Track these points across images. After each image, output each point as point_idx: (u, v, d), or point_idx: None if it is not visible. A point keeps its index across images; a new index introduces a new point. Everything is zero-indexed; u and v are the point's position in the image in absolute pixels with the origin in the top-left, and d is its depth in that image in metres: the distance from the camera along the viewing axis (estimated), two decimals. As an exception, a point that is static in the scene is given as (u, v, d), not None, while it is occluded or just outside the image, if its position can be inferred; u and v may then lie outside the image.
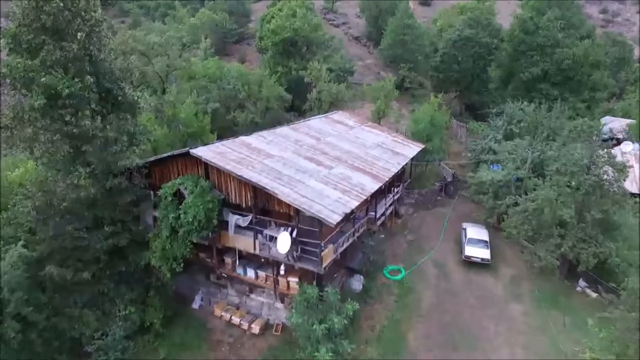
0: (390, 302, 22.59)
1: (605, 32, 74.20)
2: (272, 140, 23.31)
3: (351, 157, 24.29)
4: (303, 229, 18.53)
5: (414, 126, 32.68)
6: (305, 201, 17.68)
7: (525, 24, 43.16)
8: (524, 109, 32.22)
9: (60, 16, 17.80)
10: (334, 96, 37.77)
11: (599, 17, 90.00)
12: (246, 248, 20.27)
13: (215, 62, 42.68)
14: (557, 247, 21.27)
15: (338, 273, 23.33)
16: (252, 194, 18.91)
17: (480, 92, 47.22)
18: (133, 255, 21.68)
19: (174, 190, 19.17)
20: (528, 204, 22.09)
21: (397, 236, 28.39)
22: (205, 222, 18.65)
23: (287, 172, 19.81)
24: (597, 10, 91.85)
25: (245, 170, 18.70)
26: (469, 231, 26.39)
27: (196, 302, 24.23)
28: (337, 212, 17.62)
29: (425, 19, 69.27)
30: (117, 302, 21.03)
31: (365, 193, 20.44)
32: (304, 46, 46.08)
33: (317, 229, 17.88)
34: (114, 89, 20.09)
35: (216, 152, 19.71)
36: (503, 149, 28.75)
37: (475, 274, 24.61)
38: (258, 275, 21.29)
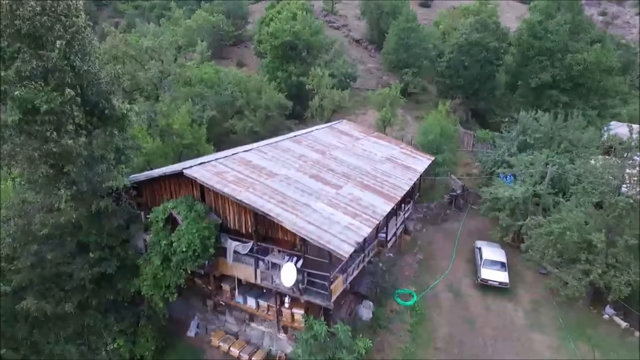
0: (404, 332, 20.77)
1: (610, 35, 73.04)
2: (274, 156, 21.46)
3: (360, 174, 22.48)
4: (310, 259, 16.70)
5: (422, 137, 30.87)
6: (313, 230, 15.84)
7: (534, 28, 41.63)
8: (538, 119, 30.51)
9: (37, 21, 15.87)
10: (337, 103, 35.98)
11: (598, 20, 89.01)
12: (246, 277, 18.42)
13: (211, 66, 40.89)
14: (584, 274, 19.53)
15: (346, 299, 21.51)
16: (253, 220, 17.06)
17: (487, 99, 45.63)
18: (122, 283, 19.79)
19: (166, 215, 17.28)
20: (553, 226, 20.32)
21: (406, 255, 26.60)
22: (201, 251, 16.79)
23: (291, 195, 17.96)
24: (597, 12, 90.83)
25: (246, 194, 16.85)
26: (485, 251, 24.64)
27: (192, 330, 22.35)
28: (349, 242, 15.80)
29: (426, 20, 67.73)
30: (104, 334, 19.12)
31: (377, 216, 18.63)
32: (305, 50, 44.31)
33: (326, 260, 16.05)
34: (100, 102, 18.19)
35: (213, 172, 17.84)
36: (519, 162, 27.01)
37: (493, 299, 22.85)
38: (259, 305, 19.42)
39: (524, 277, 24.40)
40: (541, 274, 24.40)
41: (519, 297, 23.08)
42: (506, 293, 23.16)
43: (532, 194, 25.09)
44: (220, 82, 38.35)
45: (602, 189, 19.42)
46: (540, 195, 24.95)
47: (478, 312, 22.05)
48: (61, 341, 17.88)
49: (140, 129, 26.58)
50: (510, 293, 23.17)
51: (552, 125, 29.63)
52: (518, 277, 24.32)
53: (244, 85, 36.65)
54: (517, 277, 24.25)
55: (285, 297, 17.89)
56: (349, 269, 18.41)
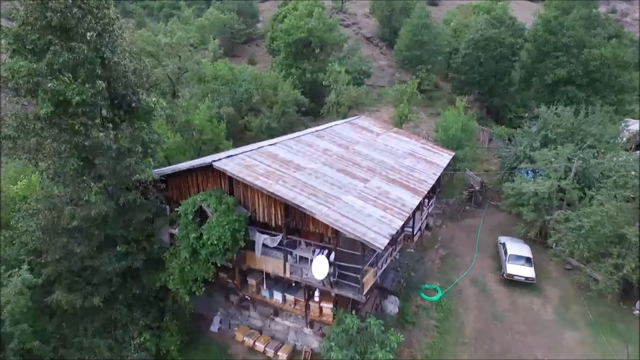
0: (430, 327, 20.54)
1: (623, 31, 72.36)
2: (299, 150, 21.29)
3: (384, 168, 22.28)
4: (339, 252, 16.50)
5: (442, 133, 30.60)
6: (347, 222, 15.64)
7: (550, 23, 41.28)
8: (559, 114, 30.17)
9: (68, 13, 15.80)
10: (354, 99, 35.78)
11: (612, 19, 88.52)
12: (275, 270, 18.25)
13: (226, 63, 40.83)
14: (616, 269, 19.22)
15: (371, 294, 21.28)
16: (283, 212, 16.89)
17: (502, 95, 45.30)
18: (147, 277, 19.71)
19: (195, 208, 17.14)
20: (583, 220, 20.02)
21: (428, 251, 26.35)
22: (232, 244, 16.63)
23: (322, 187, 17.77)
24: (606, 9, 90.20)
25: (277, 186, 16.68)
26: (509, 247, 24.34)
27: (215, 325, 22.22)
28: (383, 234, 15.58)
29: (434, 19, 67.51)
30: (131, 328, 19.01)
31: (407, 210, 18.40)
32: (318, 47, 44.16)
33: (359, 253, 15.85)
34: (128, 95, 18.11)
35: (243, 165, 17.69)
36: (542, 157, 26.69)
37: (520, 295, 22.55)
38: (286, 299, 19.26)
39: (549, 273, 24.09)
40: (567, 270, 24.09)
41: (545, 292, 22.77)
42: (532, 289, 22.86)
43: (557, 188, 24.80)
44: (235, 79, 38.29)
45: (634, 182, 19.08)
46: (565, 190, 24.64)
47: (505, 307, 21.76)
48: (89, 335, 17.79)
49: (160, 125, 26.54)
50: (536, 289, 22.86)
51: (573, 120, 29.29)
52: (543, 272, 24.00)
53: (260, 82, 36.51)
54: (542, 272, 23.93)
55: (315, 290, 17.71)
56: (379, 262, 18.20)
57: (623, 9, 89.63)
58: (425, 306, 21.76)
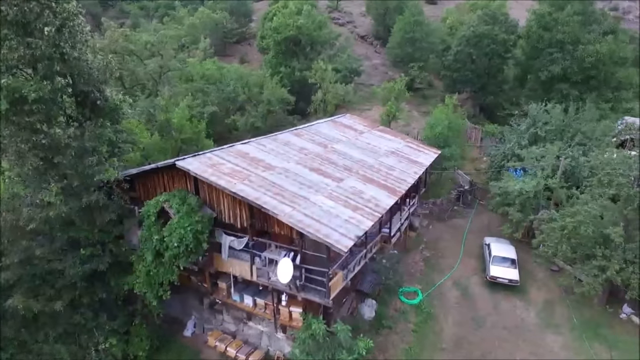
0: (407, 332, 19.83)
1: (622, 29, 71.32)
2: (273, 148, 20.66)
3: (363, 167, 21.59)
4: (308, 254, 15.84)
5: (429, 131, 29.86)
6: (311, 223, 14.99)
7: (544, 19, 40.39)
8: (549, 111, 29.34)
9: (25, 8, 15.25)
10: (340, 98, 35.11)
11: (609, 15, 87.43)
12: (242, 274, 17.61)
13: (213, 62, 40.27)
14: (600, 270, 18.42)
15: (347, 297, 20.62)
16: (248, 213, 16.25)
17: (495, 93, 44.42)
18: (115, 280, 19.12)
19: (158, 209, 16.54)
20: (567, 220, 19.24)
21: (411, 252, 25.64)
22: (194, 246, 16.01)
23: (290, 187, 17.12)
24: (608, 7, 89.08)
25: (241, 186, 16.05)
26: (494, 248, 23.59)
27: (188, 329, 21.65)
28: (349, 236, 14.92)
29: (432, 17, 66.73)
30: (96, 333, 18.42)
31: (380, 210, 17.71)
32: (308, 45, 43.50)
33: (324, 255, 15.18)
34: (91, 93, 17.54)
35: (207, 164, 17.08)
36: (530, 155, 25.88)
37: (503, 298, 21.80)
38: (256, 304, 18.61)
39: (535, 275, 23.29)
40: (553, 272, 23.29)
41: (530, 295, 22.00)
42: (516, 291, 22.09)
43: (543, 187, 24.01)
44: (223, 77, 37.74)
45: (619, 180, 18.29)
46: (553, 189, 23.84)
47: (487, 311, 21.02)
48: (50, 340, 17.20)
49: (138, 124, 26.02)
50: (520, 291, 22.10)
51: (563, 117, 28.47)
52: (529, 274, 23.22)
53: (246, 81, 35.91)
54: (528, 274, 23.16)
55: (282, 294, 17.05)
56: (349, 265, 17.51)
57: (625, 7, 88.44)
58: (404, 310, 21.06)
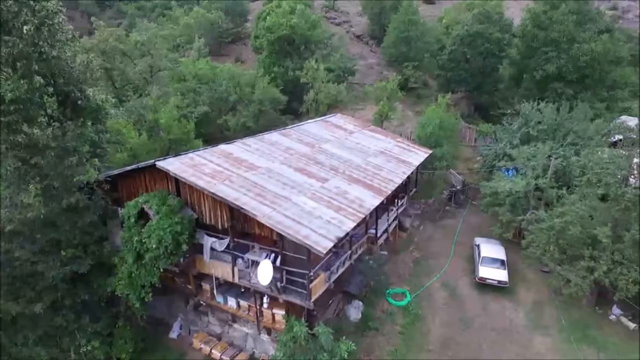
0: (394, 334, 19.59)
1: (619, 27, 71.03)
2: (258, 148, 20.45)
3: (349, 167, 21.36)
4: (288, 256, 15.62)
5: (420, 130, 29.62)
6: (290, 224, 14.77)
7: (539, 18, 40.10)
8: (541, 110, 29.08)
9: (2, 6, 15.06)
10: (333, 97, 34.87)
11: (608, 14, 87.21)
12: (224, 275, 17.40)
13: (206, 62, 40.06)
14: (588, 271, 18.17)
15: (334, 299, 20.39)
16: (229, 214, 16.03)
17: (490, 92, 44.13)
18: (98, 282, 18.92)
19: (137, 210, 16.33)
20: (555, 220, 18.99)
21: (401, 253, 25.40)
22: (173, 248, 15.80)
23: (272, 188, 16.91)
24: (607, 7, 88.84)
25: (221, 186, 15.84)
26: (483, 248, 23.34)
27: (174, 331, 21.45)
28: (329, 237, 14.69)
29: (430, 17, 66.51)
30: (77, 335, 18.21)
31: (364, 210, 17.49)
32: (302, 45, 43.28)
33: (304, 257, 14.95)
34: (72, 92, 17.33)
35: (188, 165, 16.87)
36: (521, 154, 25.62)
37: (492, 299, 21.54)
38: (240, 305, 18.40)
39: (525, 276, 23.03)
40: (543, 272, 23.00)
41: (519, 296, 21.74)
42: (506, 292, 21.83)
43: (534, 187, 23.75)
44: (216, 77, 37.53)
45: (607, 180, 18.03)
46: (543, 189, 23.57)
47: (475, 312, 20.76)
48: (30, 343, 17.00)
49: (126, 124, 25.83)
50: (510, 292, 21.84)
51: (556, 116, 28.21)
52: (519, 275, 22.96)
53: (238, 80, 35.69)
54: (518, 275, 22.90)
55: (264, 296, 16.84)
56: (332, 266, 17.28)
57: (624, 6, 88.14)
58: (391, 311, 20.82)
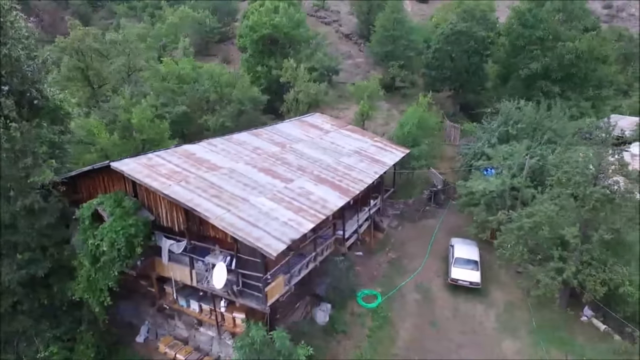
0: (362, 337, 19.23)
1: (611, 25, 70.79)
2: (224, 148, 20.08)
3: (319, 167, 21.01)
4: (246, 259, 15.24)
5: (399, 129, 29.27)
6: (243, 226, 14.40)
7: (524, 16, 39.80)
8: (521, 108, 28.75)
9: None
10: (313, 97, 34.48)
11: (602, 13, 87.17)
12: (182, 278, 17.04)
13: (190, 61, 39.67)
14: (558, 272, 17.82)
15: (302, 301, 20.04)
16: (184, 216, 15.66)
17: (477, 91, 43.81)
18: (59, 285, 18.53)
19: (90, 212, 15.95)
20: (524, 220, 18.65)
21: (377, 254, 25.05)
22: (127, 251, 15.41)
23: (231, 189, 16.54)
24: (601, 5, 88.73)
25: (176, 187, 15.47)
26: (457, 249, 22.99)
27: (141, 335, 21.06)
28: (283, 240, 14.32)
29: (423, 16, 66.19)
30: (36, 341, 17.82)
31: (326, 211, 17.13)
32: (286, 44, 42.89)
33: (259, 260, 14.57)
34: (27, 92, 16.95)
35: (145, 165, 16.50)
36: (497, 153, 25.30)
37: (464, 301, 21.19)
38: (202, 309, 18.03)
39: (499, 277, 22.68)
40: (519, 273, 22.64)
41: (492, 298, 21.39)
42: (478, 294, 21.49)
43: (509, 187, 23.40)
44: (199, 77, 37.15)
45: (576, 179, 17.68)
46: (519, 188, 23.22)
47: (446, 314, 20.41)
48: (-16, 349, 16.64)
49: (97, 124, 25.44)
50: (483, 294, 21.49)
51: (535, 115, 27.87)
52: (494, 276, 22.62)
53: (217, 80, 35.28)
54: (492, 276, 22.56)
55: (222, 300, 16.47)
56: (295, 267, 16.91)
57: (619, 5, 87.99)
58: (361, 314, 20.46)
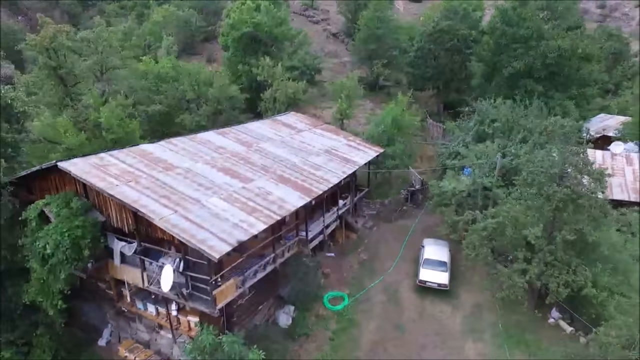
0: (324, 340, 18.84)
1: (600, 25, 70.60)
2: (184, 148, 19.68)
3: (283, 167, 20.61)
4: (192, 261, 14.84)
5: (373, 128, 28.90)
6: (188, 228, 14.01)
7: (507, 14, 39.48)
8: (498, 107, 28.41)
9: None
10: (291, 96, 34.07)
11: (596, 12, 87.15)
12: (135, 281, 16.62)
13: (170, 60, 39.22)
14: (521, 274, 17.46)
15: (265, 304, 19.65)
16: (132, 217, 15.24)
17: (460, 90, 43.46)
18: (13, 288, 18.10)
19: (37, 213, 15.53)
20: (488, 221, 18.29)
21: (349, 255, 24.66)
22: (74, 253, 14.99)
23: (183, 189, 16.14)
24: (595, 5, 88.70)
25: (124, 188, 15.06)
26: (427, 250, 22.64)
27: (104, 338, 20.65)
28: (229, 241, 13.92)
29: (415, 15, 65.92)
30: (-13, 346, 17.41)
31: (283, 212, 16.73)
32: (269, 43, 42.47)
33: (205, 262, 14.16)
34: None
35: (95, 165, 16.08)
36: (471, 152, 24.95)
37: (431, 303, 20.83)
38: (159, 312, 17.60)
39: (470, 278, 22.32)
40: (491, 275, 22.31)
41: (461, 300, 21.02)
42: (447, 295, 21.12)
43: (481, 186, 23.06)
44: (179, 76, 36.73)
45: (539, 179, 17.32)
46: (490, 188, 22.88)
47: (412, 317, 20.04)
48: None
49: (64, 123, 24.99)
50: (451, 296, 21.12)
51: (508, 114, 27.53)
52: (463, 278, 22.26)
53: (194, 78, 34.85)
54: (462, 278, 22.21)
55: (172, 303, 16.07)
56: (251, 269, 16.52)
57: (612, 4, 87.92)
58: (326, 316, 20.08)
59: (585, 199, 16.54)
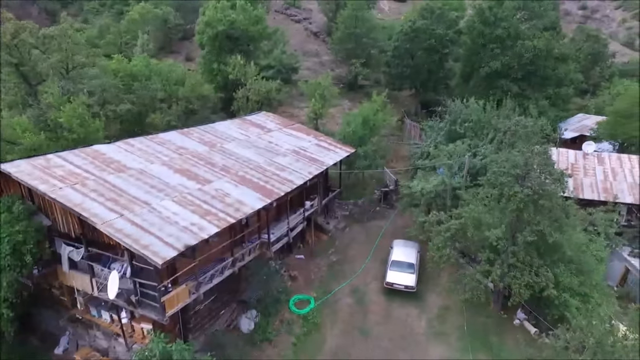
0: (287, 345, 18.39)
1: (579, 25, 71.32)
2: (141, 148, 19.03)
3: (246, 168, 20.08)
4: (140, 267, 14.25)
5: (344, 128, 28.52)
6: (132, 232, 13.42)
7: (484, 14, 39.48)
8: (470, 107, 28.26)
9: None
10: (264, 95, 33.53)
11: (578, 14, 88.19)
12: (84, 287, 15.97)
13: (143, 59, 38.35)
14: (484, 275, 17.23)
15: (227, 309, 19.11)
16: (78, 222, 14.59)
17: (438, 89, 43.41)
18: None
19: (-24, 217, 14.78)
20: (451, 222, 18.02)
21: (318, 257, 24.24)
22: (14, 259, 14.28)
23: (133, 191, 15.53)
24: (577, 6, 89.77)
25: (68, 191, 14.41)
26: (395, 252, 22.33)
27: (60, 346, 19.85)
28: (175, 246, 13.38)
29: (400, 15, 65.79)
30: None
31: (239, 214, 16.21)
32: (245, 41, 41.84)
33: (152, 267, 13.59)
34: None
35: (40, 167, 15.38)
36: (441, 152, 24.72)
37: (398, 305, 20.51)
38: (113, 319, 16.97)
39: (438, 280, 22.05)
40: (459, 276, 22.10)
41: (428, 302, 20.74)
42: (415, 298, 20.82)
43: (450, 187, 22.82)
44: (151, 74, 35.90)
45: (502, 179, 17.10)
46: (458, 188, 22.65)
47: (377, 320, 19.68)
48: None
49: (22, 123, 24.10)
50: (418, 298, 20.83)
51: (483, 113, 27.40)
52: (432, 280, 21.98)
53: (166, 77, 34.10)
54: (430, 280, 21.93)
55: (122, 310, 15.46)
56: (208, 273, 15.97)
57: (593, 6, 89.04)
58: (290, 320, 19.61)
59: (546, 199, 16.34)
